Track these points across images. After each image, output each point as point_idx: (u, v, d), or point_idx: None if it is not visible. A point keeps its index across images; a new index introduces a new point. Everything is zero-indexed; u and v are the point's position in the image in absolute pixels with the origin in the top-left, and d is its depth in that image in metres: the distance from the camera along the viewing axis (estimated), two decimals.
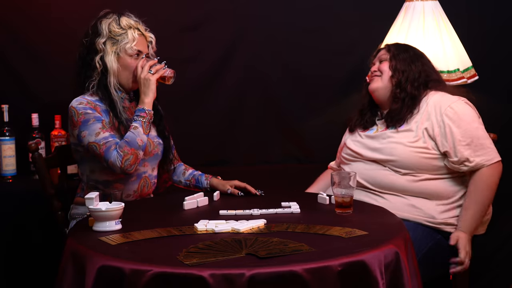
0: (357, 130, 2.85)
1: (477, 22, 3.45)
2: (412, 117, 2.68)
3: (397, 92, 2.72)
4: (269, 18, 3.53)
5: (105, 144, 2.52)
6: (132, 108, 2.69)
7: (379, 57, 2.84)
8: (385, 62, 2.79)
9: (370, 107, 2.85)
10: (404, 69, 2.74)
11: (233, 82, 3.55)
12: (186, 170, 2.86)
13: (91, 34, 2.64)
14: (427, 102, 2.68)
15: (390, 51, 2.80)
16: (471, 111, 2.66)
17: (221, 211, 2.38)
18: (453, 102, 2.65)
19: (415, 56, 2.79)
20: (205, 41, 3.50)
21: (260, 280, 1.77)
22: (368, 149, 2.73)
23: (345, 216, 2.34)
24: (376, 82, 2.79)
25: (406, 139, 2.64)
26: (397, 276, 1.96)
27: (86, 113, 2.56)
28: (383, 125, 2.78)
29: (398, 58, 2.77)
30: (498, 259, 3.48)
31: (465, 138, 2.58)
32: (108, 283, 1.86)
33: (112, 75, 2.62)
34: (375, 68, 2.82)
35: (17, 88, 3.39)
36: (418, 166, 2.62)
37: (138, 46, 2.64)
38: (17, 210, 3.13)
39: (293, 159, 3.64)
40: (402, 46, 2.85)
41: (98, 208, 2.18)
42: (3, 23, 3.35)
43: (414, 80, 2.72)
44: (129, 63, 2.64)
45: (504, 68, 3.48)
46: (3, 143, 3.20)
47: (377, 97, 2.80)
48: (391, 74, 2.75)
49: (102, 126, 2.54)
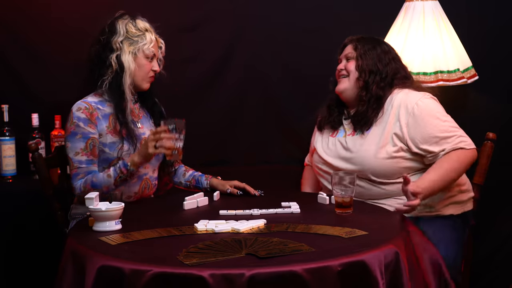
0: (325, 130, 2.83)
1: (477, 22, 3.44)
2: (377, 119, 2.66)
3: (363, 94, 2.69)
4: (269, 18, 3.52)
5: (76, 169, 2.56)
6: (135, 110, 2.69)
7: (345, 54, 2.79)
8: (351, 61, 2.75)
9: (337, 105, 2.82)
10: (371, 69, 2.71)
11: (233, 82, 3.55)
12: (186, 172, 2.86)
13: (108, 32, 2.64)
14: (392, 103, 2.66)
15: (357, 49, 2.75)
16: (437, 105, 2.65)
17: (221, 211, 2.38)
18: (418, 99, 2.63)
19: (383, 53, 2.75)
20: (205, 41, 3.50)
21: (260, 280, 1.77)
22: (339, 159, 2.71)
23: (345, 216, 2.34)
24: (343, 83, 2.76)
25: (375, 146, 2.62)
26: (397, 276, 1.96)
27: (77, 126, 2.55)
28: (350, 126, 2.76)
29: (365, 57, 2.72)
30: (498, 260, 3.48)
31: (437, 132, 2.57)
32: (108, 283, 1.86)
33: (128, 74, 2.61)
34: (342, 66, 2.78)
35: (17, 88, 3.39)
36: (392, 172, 2.61)
37: (154, 49, 2.66)
38: (17, 210, 3.13)
39: (293, 159, 3.63)
40: (369, 41, 2.79)
41: (98, 208, 2.18)
42: (3, 23, 3.35)
43: (381, 80, 2.69)
44: (144, 64, 2.64)
45: (504, 68, 3.47)
46: (3, 143, 3.20)
47: (344, 97, 2.78)
48: (357, 76, 2.72)
49: (84, 148, 2.55)
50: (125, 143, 2.59)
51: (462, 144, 2.57)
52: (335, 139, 2.77)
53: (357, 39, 2.80)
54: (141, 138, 2.66)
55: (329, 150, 2.77)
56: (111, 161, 2.59)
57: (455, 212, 2.69)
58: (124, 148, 2.59)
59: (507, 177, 2.87)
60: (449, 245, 2.58)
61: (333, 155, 2.74)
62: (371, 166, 2.61)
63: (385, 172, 2.61)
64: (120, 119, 2.60)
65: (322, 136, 2.84)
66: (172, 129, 2.41)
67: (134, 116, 2.68)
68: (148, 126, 2.73)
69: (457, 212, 2.70)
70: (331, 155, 2.75)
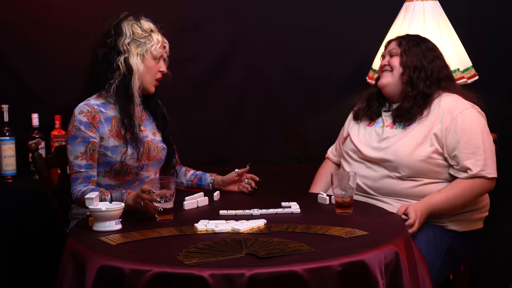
0: (362, 120, 2.80)
1: (477, 22, 3.45)
2: (422, 117, 2.63)
3: (409, 90, 2.65)
4: (269, 18, 3.53)
5: (76, 173, 2.53)
6: (138, 112, 2.67)
7: (389, 50, 2.76)
8: (395, 57, 2.71)
9: (378, 98, 2.79)
10: (415, 65, 2.67)
11: (233, 82, 3.55)
12: (187, 171, 2.86)
13: (114, 34, 2.58)
14: (440, 104, 2.63)
15: (401, 45, 2.72)
16: (481, 121, 2.61)
17: (221, 211, 2.38)
18: (466, 108, 2.60)
19: (427, 50, 2.71)
20: (205, 41, 3.50)
21: (260, 280, 1.77)
22: (372, 148, 2.68)
23: (345, 216, 2.34)
24: (386, 78, 2.72)
25: (413, 141, 2.59)
26: (397, 276, 1.96)
27: (78, 129, 2.52)
28: (389, 119, 2.72)
29: (409, 53, 2.68)
30: (497, 259, 3.48)
31: (470, 147, 2.54)
32: (108, 283, 1.86)
33: (136, 77, 2.57)
34: (385, 62, 2.75)
35: (17, 88, 3.39)
36: (421, 171, 2.58)
37: (161, 49, 2.63)
38: (17, 210, 3.13)
39: (293, 159, 3.64)
40: (414, 38, 2.75)
41: (98, 208, 2.18)
42: (3, 23, 3.35)
43: (426, 78, 2.65)
44: (152, 65, 2.61)
45: (504, 68, 3.48)
46: (3, 143, 3.20)
47: (386, 92, 2.74)
48: (401, 71, 2.68)
49: (84, 152, 2.52)
50: (129, 147, 2.57)
51: (485, 173, 2.54)
52: (372, 128, 2.74)
53: (401, 37, 2.77)
54: (144, 141, 2.64)
55: (364, 139, 2.74)
56: (113, 164, 2.56)
57: (459, 229, 2.64)
58: (127, 153, 2.58)
59: (507, 177, 2.87)
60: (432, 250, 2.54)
61: (366, 144, 2.71)
62: (404, 160, 2.58)
63: (416, 169, 2.58)
64: (126, 123, 2.57)
65: (359, 125, 2.81)
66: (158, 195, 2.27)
67: (137, 118, 2.66)
68: (150, 129, 2.71)
69: (461, 229, 2.64)
70: (365, 143, 2.72)
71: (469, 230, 2.66)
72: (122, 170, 2.58)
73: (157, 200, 2.27)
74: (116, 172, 2.58)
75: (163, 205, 2.28)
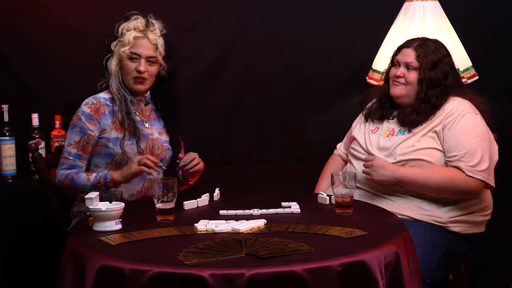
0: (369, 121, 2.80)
1: (477, 22, 3.45)
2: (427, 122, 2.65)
3: (421, 104, 2.66)
4: (269, 18, 3.52)
5: (64, 159, 2.64)
6: (145, 111, 2.70)
7: (406, 62, 2.69)
8: (413, 72, 2.67)
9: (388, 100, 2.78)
10: (432, 82, 2.65)
11: (232, 82, 3.55)
12: None
13: (109, 35, 2.68)
14: (444, 107, 2.65)
15: (419, 59, 2.66)
16: (477, 125, 2.62)
17: (221, 211, 2.38)
18: (464, 110, 2.62)
19: (445, 63, 2.68)
20: (204, 41, 3.50)
21: (260, 280, 1.77)
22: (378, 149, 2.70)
23: (345, 216, 2.34)
24: (400, 90, 2.71)
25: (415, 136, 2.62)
26: (397, 276, 1.97)
27: (79, 119, 2.62)
28: (392, 125, 2.74)
29: (428, 70, 2.64)
30: (497, 260, 3.48)
31: (461, 148, 2.56)
32: (108, 283, 1.86)
33: (112, 77, 2.66)
34: (401, 73, 2.69)
35: (17, 88, 3.39)
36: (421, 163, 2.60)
37: (135, 49, 2.63)
38: (17, 210, 3.13)
39: (293, 159, 3.63)
40: (432, 50, 2.68)
41: (98, 208, 2.18)
42: (3, 23, 3.35)
43: (440, 93, 2.65)
44: (125, 65, 2.65)
45: (504, 68, 3.48)
46: (3, 143, 3.20)
47: (398, 102, 2.75)
48: (418, 89, 2.66)
49: (78, 141, 2.61)
50: (128, 135, 2.62)
51: (471, 173, 2.53)
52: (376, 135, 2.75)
53: (419, 45, 2.69)
54: (148, 137, 2.68)
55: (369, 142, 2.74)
56: (115, 156, 2.62)
57: (460, 231, 2.63)
58: (125, 139, 2.62)
59: (507, 177, 2.87)
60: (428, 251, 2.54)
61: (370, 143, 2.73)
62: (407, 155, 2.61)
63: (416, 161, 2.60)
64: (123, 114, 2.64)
65: (365, 126, 2.81)
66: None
67: (144, 116, 2.71)
68: (157, 128, 2.75)
69: (463, 232, 2.64)
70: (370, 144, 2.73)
71: (471, 233, 2.66)
72: (123, 162, 2.61)
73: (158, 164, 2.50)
74: (117, 164, 2.62)
75: (164, 206, 2.29)
